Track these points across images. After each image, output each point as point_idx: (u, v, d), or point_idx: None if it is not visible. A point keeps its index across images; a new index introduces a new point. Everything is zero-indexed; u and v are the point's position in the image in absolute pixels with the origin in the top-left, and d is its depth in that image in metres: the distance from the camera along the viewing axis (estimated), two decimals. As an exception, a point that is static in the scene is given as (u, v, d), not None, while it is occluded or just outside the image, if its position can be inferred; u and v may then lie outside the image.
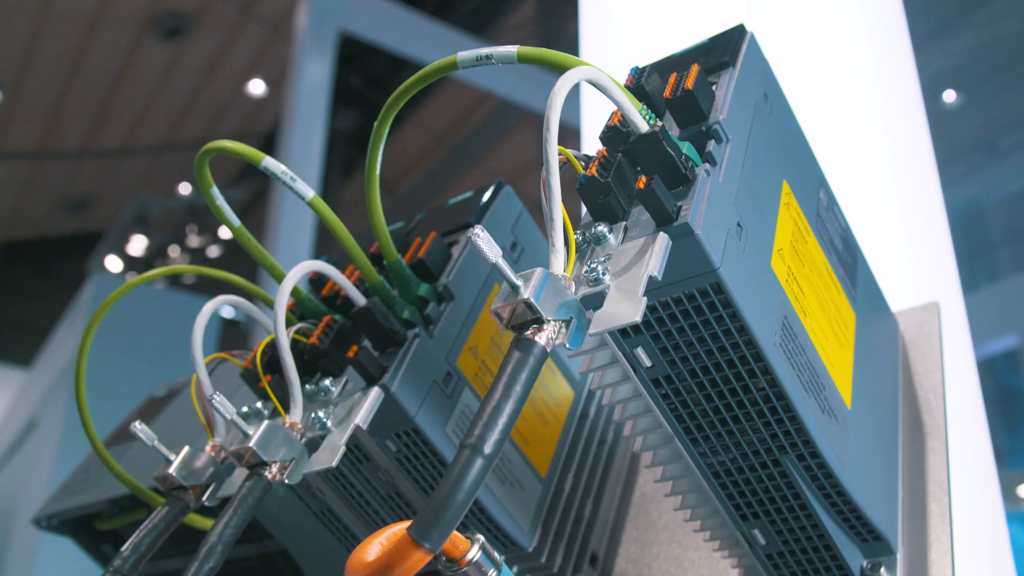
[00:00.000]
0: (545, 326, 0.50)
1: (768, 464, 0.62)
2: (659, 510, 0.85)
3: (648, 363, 0.59)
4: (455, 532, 0.55)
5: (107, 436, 1.12)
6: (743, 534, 0.67)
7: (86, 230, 7.55)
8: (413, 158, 6.67)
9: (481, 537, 0.56)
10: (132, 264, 6.36)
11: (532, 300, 0.49)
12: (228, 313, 5.37)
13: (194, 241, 7.08)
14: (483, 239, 0.49)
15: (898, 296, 0.87)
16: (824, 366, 0.65)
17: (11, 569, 3.82)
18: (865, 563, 0.69)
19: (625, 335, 0.59)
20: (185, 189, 7.23)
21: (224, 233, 7.15)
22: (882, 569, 0.68)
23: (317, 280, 0.79)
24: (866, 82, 1.14)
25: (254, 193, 6.48)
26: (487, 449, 0.45)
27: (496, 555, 0.56)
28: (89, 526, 1.03)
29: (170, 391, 1.14)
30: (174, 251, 6.61)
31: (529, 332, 0.49)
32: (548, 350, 0.50)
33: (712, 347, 0.58)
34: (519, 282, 0.50)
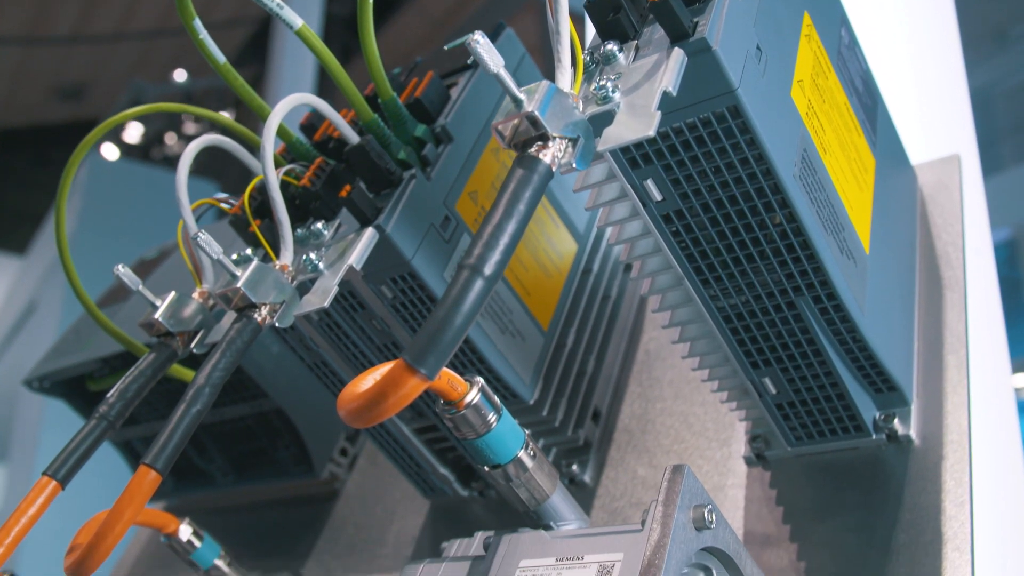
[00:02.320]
0: (550, 143, 0.46)
1: (782, 307, 0.59)
2: (664, 366, 0.83)
3: (658, 197, 0.56)
4: (454, 374, 0.52)
5: (98, 297, 1.10)
6: (753, 383, 0.65)
7: (81, 117, 7.42)
8: (411, 45, 6.53)
9: (481, 380, 0.53)
10: (128, 151, 6.28)
11: (536, 113, 0.45)
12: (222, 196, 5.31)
13: (191, 128, 6.96)
14: (483, 46, 0.45)
15: (912, 154, 0.83)
16: (843, 206, 0.61)
17: (17, 450, 3.85)
18: (878, 414, 0.66)
19: (634, 165, 0.55)
20: (180, 76, 7.09)
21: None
22: (895, 420, 0.66)
23: (309, 127, 0.75)
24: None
25: (251, 78, 6.36)
26: (488, 270, 0.42)
27: (496, 399, 0.53)
28: (81, 387, 1.01)
29: (161, 252, 1.11)
30: (171, 138, 6.51)
31: (533, 149, 0.46)
32: (554, 169, 0.46)
33: (727, 178, 0.54)
34: (522, 96, 0.46)
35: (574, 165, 0.47)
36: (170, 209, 0.69)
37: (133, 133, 6.40)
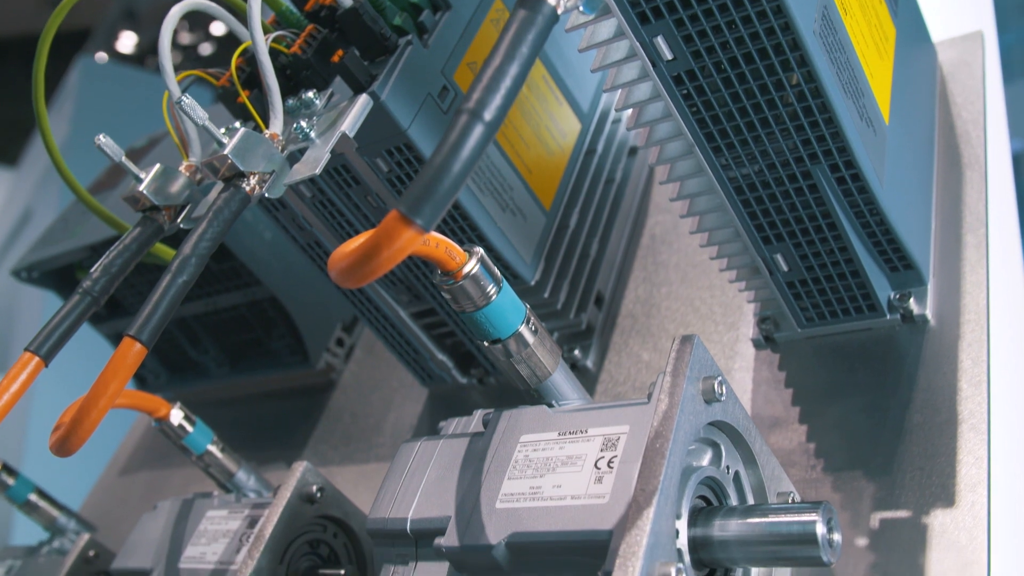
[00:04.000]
0: (556, -16, 0.42)
1: (797, 176, 0.56)
2: (670, 250, 0.80)
3: (669, 55, 0.53)
4: (452, 243, 0.50)
5: (87, 185, 1.07)
6: (764, 260, 0.62)
7: (74, 27, 7.27)
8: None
9: (480, 250, 0.51)
10: (123, 61, 6.17)
11: (541, -51, 0.42)
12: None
13: (185, 38, 6.82)
14: None
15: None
16: (863, 72, 0.58)
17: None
18: (893, 294, 0.64)
19: (644, 20, 0.52)
20: (174, -17, 6.92)
21: (216, 29, 6.90)
22: (911, 300, 0.63)
23: (299, -1, 0.71)
24: None
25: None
26: (488, 115, 0.39)
27: (496, 270, 0.51)
28: (70, 277, 0.98)
29: (150, 141, 1.08)
30: (165, 47, 6.38)
31: (537, -10, 0.42)
32: (559, 12, 0.43)
33: (743, 33, 0.50)
34: (525, -69, 0.42)
35: (580, 8, 0.44)
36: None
37: (127, 43, 6.29)
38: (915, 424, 0.58)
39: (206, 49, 6.66)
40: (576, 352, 0.76)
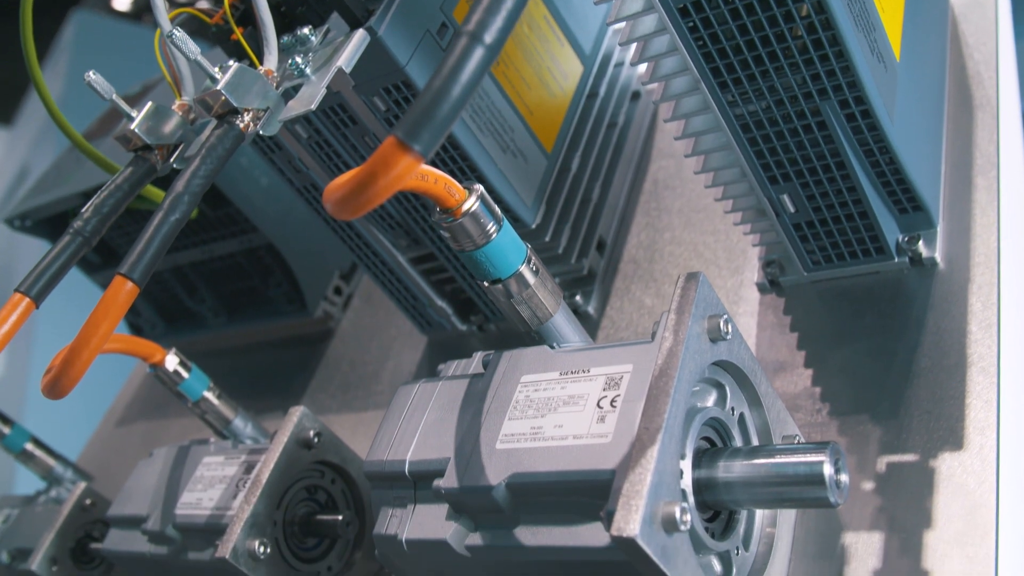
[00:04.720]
0: (559, -97, 0.41)
1: (806, 113, 0.55)
2: (673, 195, 0.79)
3: (675, -14, 0.51)
4: (451, 179, 0.48)
5: (82, 132, 1.05)
6: (770, 201, 0.61)
7: (69, -17, 7.20)
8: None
9: (480, 187, 0.50)
10: (118, 18, 6.11)
11: None
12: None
13: (182, -6, 6.76)
14: None
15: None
16: (875, 5, 0.56)
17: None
18: (902, 236, 0.62)
19: (650, -52, 0.50)
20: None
21: (213, -14, 6.80)
22: (920, 243, 0.62)
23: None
24: None
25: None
26: (488, 37, 0.37)
27: (496, 208, 0.50)
28: (64, 224, 0.97)
29: (144, 87, 1.06)
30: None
31: (539, -91, 0.41)
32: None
33: (752, -39, 0.49)
34: None
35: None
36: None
37: (122, 0, 6.23)
38: (923, 368, 0.57)
39: (203, 4, 6.60)
40: (577, 298, 0.75)
